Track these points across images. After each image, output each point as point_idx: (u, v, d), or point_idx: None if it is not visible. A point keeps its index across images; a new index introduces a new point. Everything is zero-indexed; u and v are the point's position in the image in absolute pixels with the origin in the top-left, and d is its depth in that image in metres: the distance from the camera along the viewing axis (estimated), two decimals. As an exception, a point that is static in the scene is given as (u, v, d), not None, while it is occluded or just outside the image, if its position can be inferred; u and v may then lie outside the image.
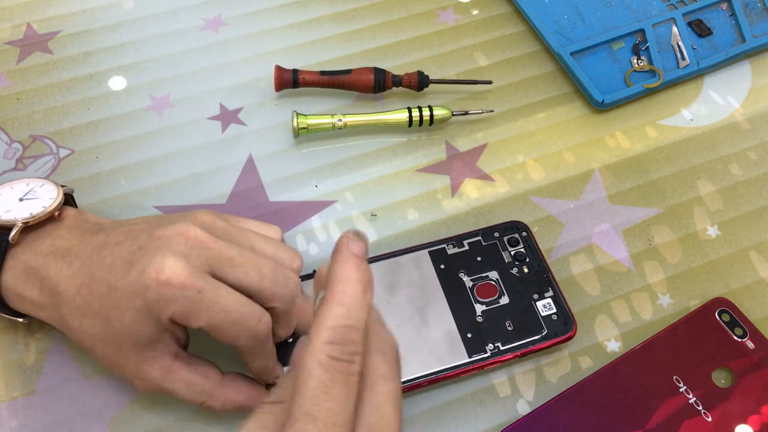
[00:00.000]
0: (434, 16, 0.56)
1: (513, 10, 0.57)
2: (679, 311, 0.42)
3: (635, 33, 0.54)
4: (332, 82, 0.49)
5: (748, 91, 0.52)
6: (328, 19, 0.55)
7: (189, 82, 0.51)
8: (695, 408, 0.37)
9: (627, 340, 0.41)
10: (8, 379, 0.38)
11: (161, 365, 0.34)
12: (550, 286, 0.41)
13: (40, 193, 0.37)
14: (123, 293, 0.32)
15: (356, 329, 0.25)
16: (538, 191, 0.47)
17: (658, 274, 0.43)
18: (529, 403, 0.38)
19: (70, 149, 0.47)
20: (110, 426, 0.37)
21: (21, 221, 0.35)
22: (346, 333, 0.25)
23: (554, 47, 0.53)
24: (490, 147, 0.49)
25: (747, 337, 0.40)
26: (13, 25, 0.54)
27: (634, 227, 0.45)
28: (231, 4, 0.56)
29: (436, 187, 0.47)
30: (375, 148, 0.48)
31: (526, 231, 0.43)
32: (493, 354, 0.38)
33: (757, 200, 0.47)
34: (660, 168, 0.48)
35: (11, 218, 0.35)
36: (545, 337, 0.39)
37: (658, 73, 0.51)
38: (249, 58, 0.53)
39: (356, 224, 0.45)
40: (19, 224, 0.35)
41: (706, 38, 0.54)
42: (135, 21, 0.55)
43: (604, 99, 0.50)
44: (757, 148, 0.49)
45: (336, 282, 0.26)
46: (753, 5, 0.57)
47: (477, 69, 0.53)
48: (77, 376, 0.39)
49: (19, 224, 0.35)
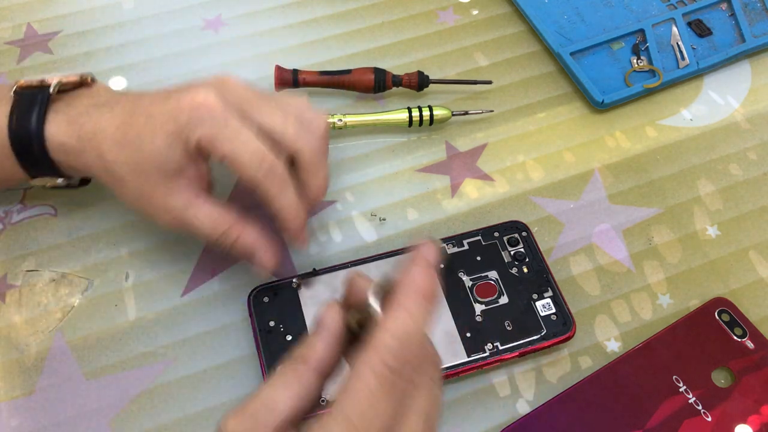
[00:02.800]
0: (434, 16, 0.56)
1: (513, 10, 0.57)
2: (679, 311, 0.42)
3: (635, 33, 0.54)
4: (332, 82, 0.49)
5: (747, 91, 0.52)
6: (328, 19, 0.56)
7: (189, 82, 0.51)
8: (695, 408, 0.37)
9: (627, 340, 0.41)
10: (8, 378, 0.38)
11: (185, 197, 0.36)
12: (549, 286, 0.41)
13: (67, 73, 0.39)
14: (158, 118, 0.35)
15: (417, 339, 0.25)
16: (538, 191, 0.47)
17: (657, 274, 0.43)
18: (529, 403, 0.38)
19: (71, 149, 0.47)
20: (110, 426, 0.37)
21: (57, 78, 0.37)
22: (407, 343, 0.25)
23: (554, 47, 0.53)
24: (490, 147, 0.49)
25: (747, 337, 0.40)
26: (14, 25, 0.54)
27: (634, 227, 0.45)
28: (231, 4, 0.56)
29: (436, 187, 0.47)
30: (375, 148, 0.49)
31: (525, 231, 0.43)
32: (492, 354, 0.38)
33: (756, 200, 0.47)
34: (660, 168, 0.48)
35: (45, 78, 0.38)
36: (544, 337, 0.39)
37: (658, 73, 0.51)
38: (249, 58, 0.53)
39: (357, 225, 0.45)
40: (56, 80, 0.37)
41: (705, 38, 0.54)
42: (135, 21, 0.55)
43: (604, 99, 0.50)
44: (756, 148, 0.49)
45: (407, 285, 0.26)
46: (753, 5, 0.57)
47: (477, 69, 0.53)
48: (77, 376, 0.39)
49: (56, 80, 0.37)
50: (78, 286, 0.42)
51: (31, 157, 0.37)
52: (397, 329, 0.25)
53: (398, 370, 0.24)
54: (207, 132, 0.34)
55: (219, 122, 0.34)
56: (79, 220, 0.44)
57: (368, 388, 0.24)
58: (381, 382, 0.24)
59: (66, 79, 0.38)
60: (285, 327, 0.39)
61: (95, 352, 0.39)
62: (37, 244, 0.43)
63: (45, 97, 0.37)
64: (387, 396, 0.24)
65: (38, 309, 0.41)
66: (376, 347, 0.24)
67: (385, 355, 0.24)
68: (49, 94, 0.37)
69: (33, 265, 0.42)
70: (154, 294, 0.42)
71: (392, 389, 0.24)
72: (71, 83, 0.38)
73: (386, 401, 0.24)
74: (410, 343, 0.25)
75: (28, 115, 0.36)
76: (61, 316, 0.41)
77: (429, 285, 0.26)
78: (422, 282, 0.26)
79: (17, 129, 0.36)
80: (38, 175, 0.38)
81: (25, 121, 0.36)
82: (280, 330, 0.39)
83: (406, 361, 0.25)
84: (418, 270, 0.26)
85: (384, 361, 0.24)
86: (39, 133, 0.36)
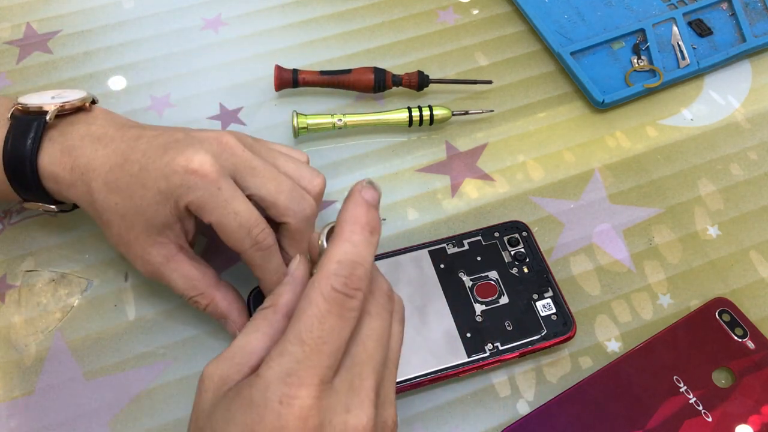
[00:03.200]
0: (434, 15, 0.56)
1: (513, 10, 0.57)
2: (680, 311, 0.42)
3: (635, 33, 0.54)
4: (332, 82, 0.49)
5: (748, 90, 0.52)
6: (328, 18, 0.55)
7: (189, 82, 0.51)
8: (695, 408, 0.37)
9: (627, 340, 0.41)
10: (8, 379, 0.38)
11: (166, 252, 0.36)
12: (549, 286, 0.40)
13: (69, 95, 0.39)
14: (151, 174, 0.34)
15: (362, 266, 0.27)
16: (538, 191, 0.47)
17: (658, 274, 0.43)
18: (529, 404, 0.38)
19: (70, 149, 0.47)
20: (110, 426, 0.37)
21: (55, 105, 0.37)
22: (351, 268, 0.27)
23: (554, 47, 0.53)
24: (490, 147, 0.49)
25: (747, 337, 0.39)
26: (13, 25, 0.54)
27: (635, 227, 0.45)
28: (231, 4, 0.56)
29: (436, 187, 0.47)
30: (375, 148, 0.48)
31: (526, 231, 0.43)
32: (492, 354, 0.38)
33: (757, 200, 0.47)
34: (660, 168, 0.48)
35: (45, 103, 0.37)
36: (545, 337, 0.39)
37: (659, 73, 0.51)
38: (249, 57, 0.53)
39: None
40: (54, 107, 0.37)
41: (706, 38, 0.54)
42: (135, 21, 0.55)
43: (604, 99, 0.49)
44: (757, 147, 0.49)
45: (345, 222, 0.28)
46: (753, 5, 0.57)
47: (477, 69, 0.53)
48: (77, 376, 0.39)
49: (52, 107, 0.37)
50: (77, 286, 0.42)
51: (24, 183, 0.37)
52: (339, 255, 0.27)
53: (344, 292, 0.26)
54: (197, 199, 0.34)
55: (210, 191, 0.34)
56: (79, 220, 0.44)
57: (317, 309, 0.26)
58: (329, 302, 0.26)
59: (65, 106, 0.37)
60: (285, 327, 0.39)
61: (95, 353, 0.39)
62: (37, 244, 0.43)
63: (41, 125, 0.36)
64: (337, 317, 0.26)
65: (38, 309, 0.41)
66: (322, 273, 0.27)
67: (330, 278, 0.26)
68: (45, 122, 0.36)
69: (32, 265, 0.42)
70: (153, 294, 0.42)
71: (341, 310, 0.26)
72: (70, 109, 0.38)
73: (336, 321, 0.26)
74: (353, 268, 0.27)
75: (23, 141, 0.36)
76: (60, 317, 0.41)
77: (366, 216, 0.28)
78: (359, 214, 0.28)
79: (11, 155, 0.36)
80: (30, 200, 0.38)
81: (20, 149, 0.36)
82: (280, 330, 0.39)
83: (352, 285, 0.27)
84: (354, 205, 0.28)
85: (330, 284, 0.26)
86: (32, 162, 0.36)
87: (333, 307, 0.26)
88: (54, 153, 0.36)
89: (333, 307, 0.26)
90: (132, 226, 0.36)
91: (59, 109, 0.37)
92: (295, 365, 0.25)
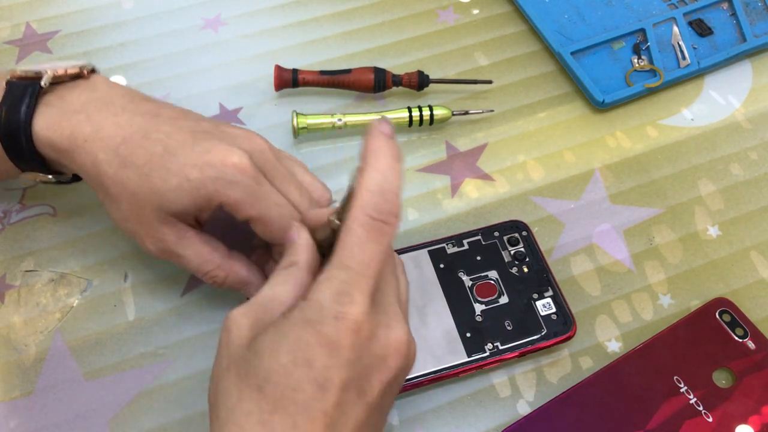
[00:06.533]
0: (434, 15, 0.56)
1: (513, 10, 0.57)
2: (680, 311, 0.42)
3: (636, 32, 0.54)
4: (332, 82, 0.49)
5: (748, 90, 0.52)
6: (328, 18, 0.55)
7: (188, 82, 0.51)
8: (696, 408, 0.37)
9: (627, 340, 0.41)
10: (8, 379, 0.38)
11: (177, 230, 0.35)
12: (549, 285, 0.40)
13: (68, 64, 0.37)
14: (178, 159, 0.33)
15: (391, 191, 0.28)
16: (538, 191, 0.47)
17: (658, 274, 0.43)
18: (529, 404, 0.38)
19: (70, 149, 0.47)
20: (110, 426, 0.37)
21: (50, 69, 0.36)
22: (381, 195, 0.28)
23: (555, 47, 0.52)
24: (490, 147, 0.49)
25: (748, 337, 0.39)
26: (13, 25, 0.54)
27: (635, 227, 0.45)
28: (231, 4, 0.56)
29: (436, 187, 0.47)
30: (375, 147, 0.48)
31: (526, 230, 0.43)
32: (492, 354, 0.38)
33: (758, 200, 0.47)
34: (661, 168, 0.48)
35: (41, 68, 0.36)
36: (545, 336, 0.39)
37: (659, 73, 0.51)
38: (249, 57, 0.53)
39: (356, 224, 0.45)
40: (50, 72, 0.35)
41: (706, 38, 0.54)
42: (134, 20, 0.55)
43: (604, 99, 0.49)
44: (757, 147, 0.49)
45: (370, 153, 0.29)
46: (754, 5, 0.56)
47: (477, 69, 0.53)
48: (77, 376, 0.38)
49: (49, 72, 0.35)
50: (77, 286, 0.42)
51: (18, 150, 0.36)
52: (369, 185, 0.28)
53: (380, 218, 0.28)
54: (236, 195, 0.34)
55: (252, 186, 0.34)
56: (79, 220, 0.44)
57: (357, 237, 0.28)
58: (367, 230, 0.28)
59: (61, 71, 0.36)
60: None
61: (94, 353, 0.39)
62: (36, 245, 0.43)
63: (36, 89, 0.35)
64: (375, 242, 0.28)
65: (37, 309, 0.41)
66: (357, 203, 0.28)
67: (366, 207, 0.28)
68: (40, 87, 0.35)
69: (32, 266, 0.42)
70: (153, 294, 0.41)
71: (378, 236, 0.28)
72: (67, 75, 0.36)
73: (375, 246, 0.28)
74: (384, 194, 0.28)
75: (18, 107, 0.35)
76: (60, 317, 0.41)
77: (387, 145, 0.29)
78: (381, 144, 0.29)
79: (6, 121, 0.35)
80: (27, 169, 0.37)
81: (14, 114, 0.35)
82: (280, 330, 0.38)
83: (385, 211, 0.28)
84: (373, 138, 0.29)
85: (366, 213, 0.28)
86: (26, 127, 0.35)
87: (371, 234, 0.28)
88: (50, 117, 0.35)
89: (371, 233, 0.28)
90: (144, 205, 0.34)
91: (56, 73, 0.36)
92: (344, 286, 0.27)
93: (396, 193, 0.28)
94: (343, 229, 0.28)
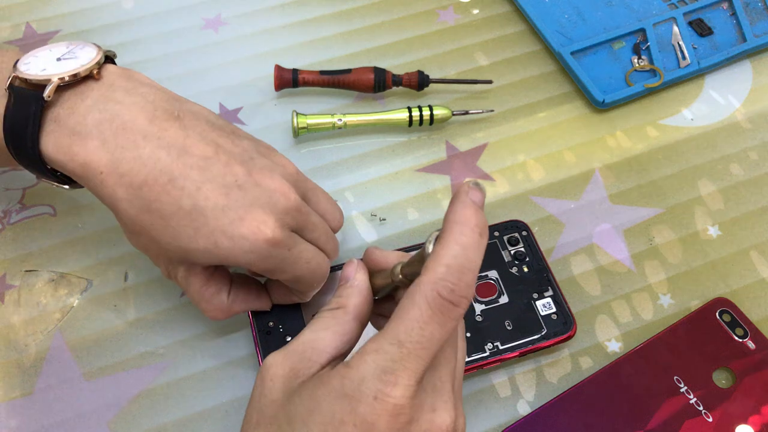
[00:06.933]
0: (434, 15, 0.56)
1: (513, 10, 0.57)
2: (680, 311, 0.42)
3: (636, 32, 0.54)
4: (332, 82, 0.49)
5: (749, 90, 0.52)
6: (328, 18, 0.55)
7: (189, 82, 0.51)
8: (696, 408, 0.37)
9: (627, 340, 0.41)
10: (8, 379, 0.38)
11: (188, 269, 0.34)
12: (549, 285, 0.40)
13: (79, 54, 0.33)
14: (209, 224, 0.31)
15: (470, 272, 0.26)
16: (538, 191, 0.47)
17: (658, 274, 0.43)
18: (529, 404, 0.38)
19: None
20: (110, 426, 0.37)
21: (56, 77, 0.31)
22: (459, 274, 0.25)
23: (555, 47, 0.52)
24: (490, 147, 0.49)
25: (748, 337, 0.39)
26: (13, 25, 0.54)
27: (635, 227, 0.45)
28: (231, 4, 0.56)
29: (436, 187, 0.47)
30: (375, 148, 0.48)
31: (526, 230, 0.43)
32: (492, 353, 0.38)
33: (757, 200, 0.47)
34: (661, 168, 0.48)
35: (45, 75, 0.31)
36: (544, 336, 0.39)
37: (659, 73, 0.51)
38: (249, 57, 0.53)
39: (357, 225, 0.45)
40: (55, 80, 0.31)
41: (706, 38, 0.54)
42: (134, 20, 0.55)
43: (604, 98, 0.49)
44: (757, 147, 0.49)
45: (454, 223, 0.26)
46: (754, 5, 0.56)
47: (477, 68, 0.53)
48: (77, 376, 0.38)
49: (54, 80, 0.31)
50: (77, 286, 0.42)
51: (29, 165, 0.33)
52: (448, 259, 0.25)
53: (451, 299, 0.25)
54: (268, 266, 0.32)
55: (283, 255, 0.32)
56: (79, 220, 0.44)
57: (420, 313, 0.25)
58: (433, 309, 0.25)
59: (69, 76, 0.32)
60: (284, 328, 0.39)
61: (94, 353, 0.39)
62: (37, 244, 0.43)
63: (40, 105, 0.31)
64: (438, 324, 0.25)
65: (37, 309, 0.41)
66: (429, 276, 0.25)
67: (438, 283, 0.25)
68: (44, 99, 0.31)
69: (32, 265, 0.42)
70: (153, 294, 0.41)
71: (444, 319, 0.25)
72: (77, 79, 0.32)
73: (437, 328, 0.25)
74: (462, 274, 0.25)
75: (23, 122, 0.31)
76: (60, 317, 0.41)
77: (475, 218, 0.26)
78: (469, 215, 0.26)
79: (12, 135, 0.32)
80: (43, 179, 0.34)
81: (19, 130, 0.31)
82: (279, 331, 0.38)
83: (459, 293, 0.25)
84: (462, 206, 0.26)
85: (437, 290, 0.25)
86: (35, 148, 0.31)
87: (436, 315, 0.25)
88: (60, 138, 0.31)
89: (436, 314, 0.25)
90: (165, 249, 0.32)
91: (62, 81, 0.31)
92: (392, 364, 0.25)
93: (474, 275, 0.26)
94: (406, 296, 0.26)
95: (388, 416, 0.25)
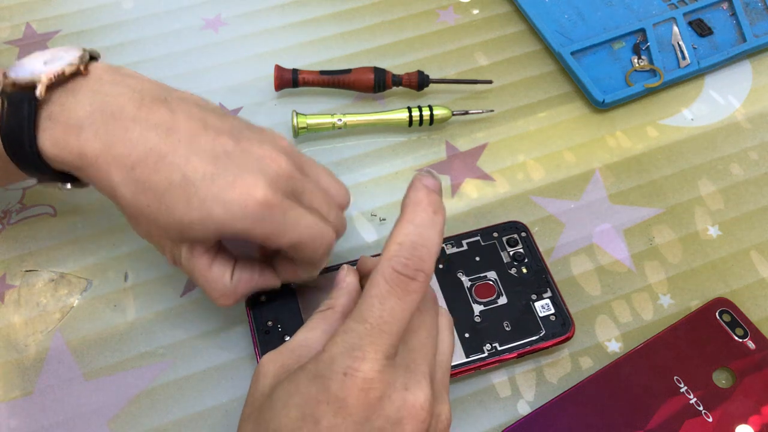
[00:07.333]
0: (434, 15, 0.56)
1: (513, 10, 0.57)
2: (680, 311, 0.42)
3: (636, 32, 0.54)
4: (332, 82, 0.49)
5: (749, 90, 0.52)
6: (328, 18, 0.55)
7: (189, 82, 0.51)
8: (696, 408, 0.37)
9: (627, 340, 0.41)
10: (7, 379, 0.38)
11: (191, 250, 0.34)
12: (548, 286, 0.40)
13: (64, 56, 0.34)
14: (200, 193, 0.31)
15: (425, 247, 0.27)
16: (538, 191, 0.47)
17: (658, 274, 0.43)
18: (529, 404, 0.38)
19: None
20: (110, 426, 0.37)
21: (45, 76, 0.32)
22: (411, 249, 0.27)
23: (555, 47, 0.52)
24: (490, 147, 0.49)
25: (748, 337, 0.39)
26: (13, 25, 0.54)
27: (635, 227, 0.45)
28: (231, 4, 0.56)
29: (436, 187, 0.47)
30: (375, 148, 0.48)
31: (525, 231, 0.43)
32: (491, 354, 0.38)
33: (758, 200, 0.47)
34: (661, 168, 0.48)
35: (34, 76, 0.32)
36: (543, 337, 0.39)
37: (659, 73, 0.51)
38: (249, 57, 0.53)
39: (357, 225, 0.45)
40: (44, 79, 0.32)
41: (706, 38, 0.54)
42: (134, 21, 0.55)
43: (604, 99, 0.49)
44: (757, 147, 0.49)
45: (408, 205, 0.28)
46: (754, 5, 0.56)
47: (477, 68, 0.53)
48: (77, 376, 0.39)
49: (43, 78, 0.32)
50: (77, 286, 0.42)
51: (30, 168, 0.33)
52: (400, 237, 0.27)
53: (405, 273, 0.27)
54: (264, 231, 0.32)
55: (279, 219, 0.32)
56: (79, 220, 0.44)
57: (378, 289, 0.27)
58: (390, 283, 0.27)
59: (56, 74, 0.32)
60: (283, 327, 0.39)
61: (94, 353, 0.39)
62: (36, 244, 0.43)
63: (32, 105, 0.32)
64: (397, 298, 0.27)
65: (37, 309, 0.41)
66: (384, 255, 0.27)
67: (391, 260, 0.27)
68: (36, 103, 0.32)
69: (32, 265, 0.42)
70: (153, 294, 0.42)
71: (401, 292, 0.27)
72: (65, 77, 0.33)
73: (396, 302, 0.27)
74: (414, 249, 0.27)
75: (18, 123, 0.32)
76: (60, 317, 0.41)
77: (427, 198, 0.28)
78: (420, 196, 0.28)
79: (10, 139, 0.32)
80: (45, 181, 0.35)
81: (16, 131, 0.32)
82: (278, 330, 0.38)
83: (412, 266, 0.27)
84: (414, 190, 0.28)
85: (391, 265, 0.27)
86: (33, 147, 0.32)
87: (394, 289, 0.27)
88: (56, 133, 0.32)
89: (394, 288, 0.27)
90: (165, 229, 0.32)
91: (51, 80, 0.32)
92: (358, 341, 0.26)
93: (429, 250, 0.27)
94: (368, 281, 0.27)
95: (357, 390, 0.26)
